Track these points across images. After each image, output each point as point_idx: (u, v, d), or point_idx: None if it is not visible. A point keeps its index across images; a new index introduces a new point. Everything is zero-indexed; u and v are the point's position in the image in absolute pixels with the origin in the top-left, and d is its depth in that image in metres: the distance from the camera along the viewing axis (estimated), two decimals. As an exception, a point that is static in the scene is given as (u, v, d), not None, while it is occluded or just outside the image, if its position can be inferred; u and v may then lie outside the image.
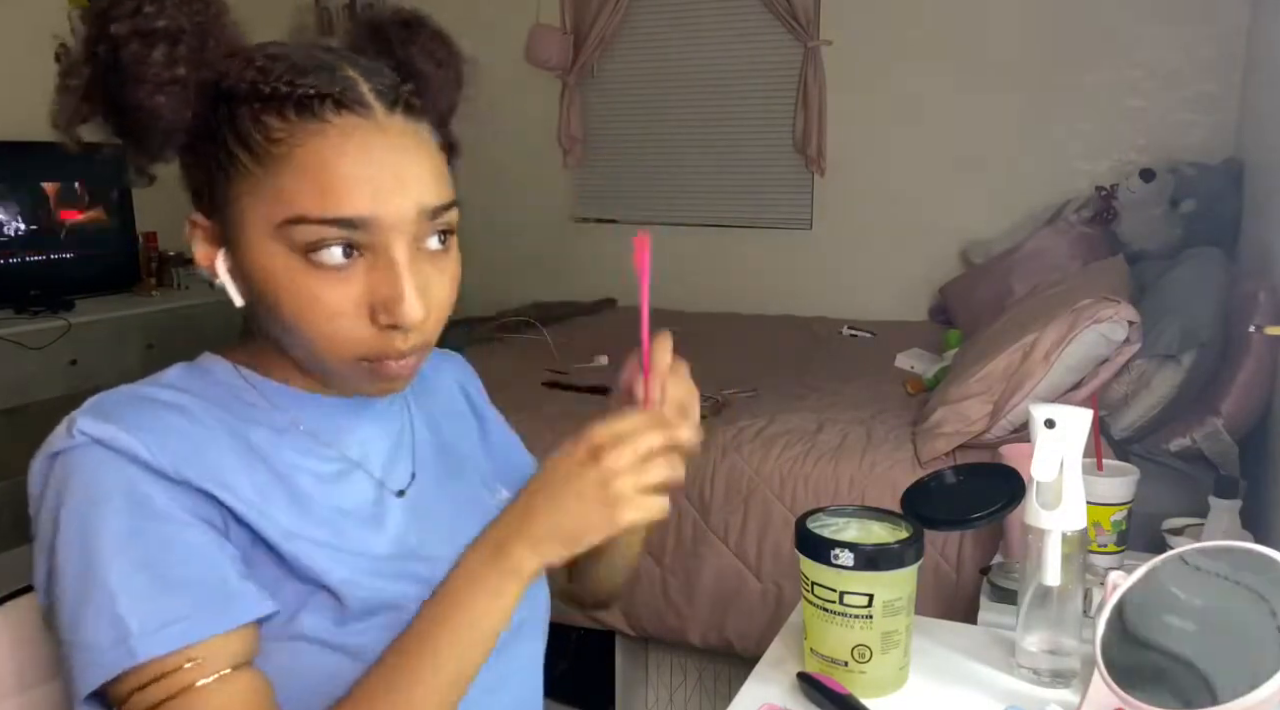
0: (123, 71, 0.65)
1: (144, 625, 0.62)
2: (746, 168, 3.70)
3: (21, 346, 2.68)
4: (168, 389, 0.72)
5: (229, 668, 0.64)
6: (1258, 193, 2.46)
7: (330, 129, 0.66)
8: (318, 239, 0.66)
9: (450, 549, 0.78)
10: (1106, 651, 0.81)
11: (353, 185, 0.65)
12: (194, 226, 0.72)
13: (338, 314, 0.67)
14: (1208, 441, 1.82)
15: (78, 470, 0.66)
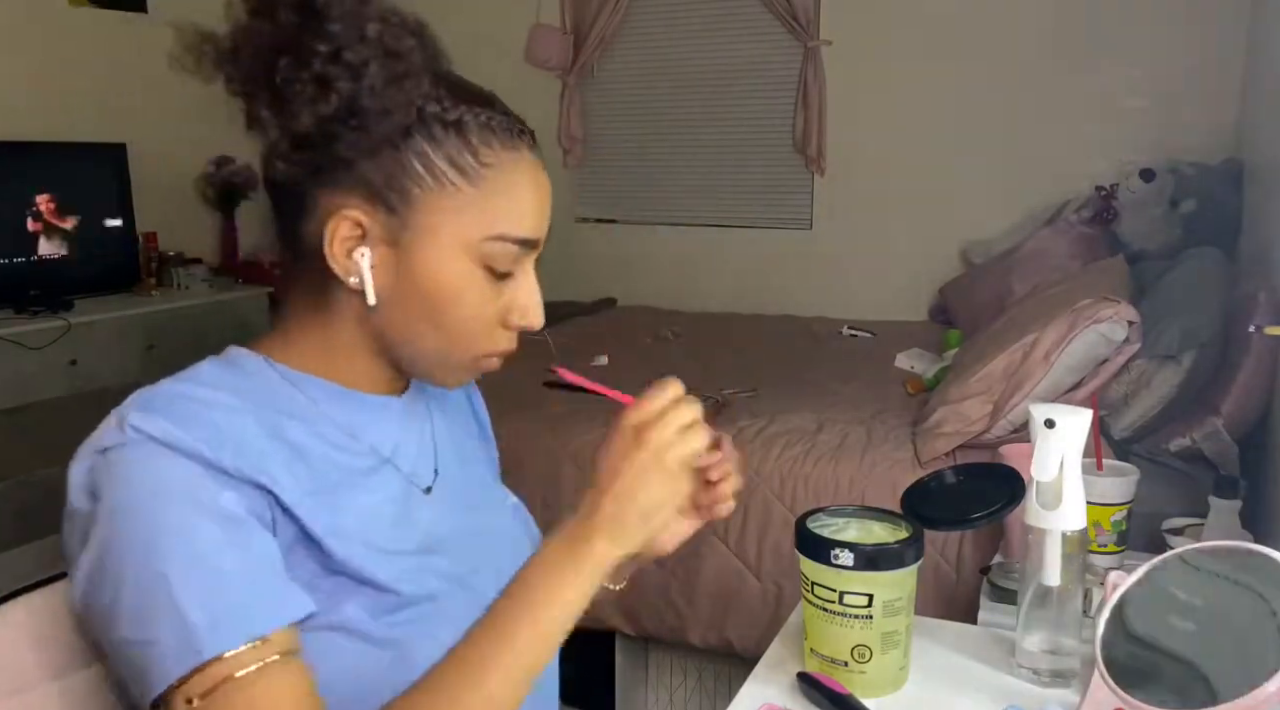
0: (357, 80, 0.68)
1: (212, 620, 0.63)
2: (746, 168, 3.70)
3: (21, 346, 2.68)
4: (204, 386, 0.73)
5: (279, 655, 0.64)
6: (1258, 193, 2.46)
7: (523, 160, 0.75)
8: (508, 256, 0.74)
9: (476, 544, 0.80)
10: (1106, 651, 0.81)
11: (537, 211, 0.76)
12: (345, 219, 0.72)
13: (493, 321, 0.77)
14: (1208, 441, 1.82)
15: (133, 466, 0.66)
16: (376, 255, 0.73)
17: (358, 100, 0.68)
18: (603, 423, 2.15)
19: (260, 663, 0.63)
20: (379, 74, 0.68)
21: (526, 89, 3.84)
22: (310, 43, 0.67)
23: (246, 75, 0.69)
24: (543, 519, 2.24)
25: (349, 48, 0.67)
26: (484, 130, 0.73)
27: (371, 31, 0.68)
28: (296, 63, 0.67)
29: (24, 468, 2.80)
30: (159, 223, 3.43)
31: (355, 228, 0.73)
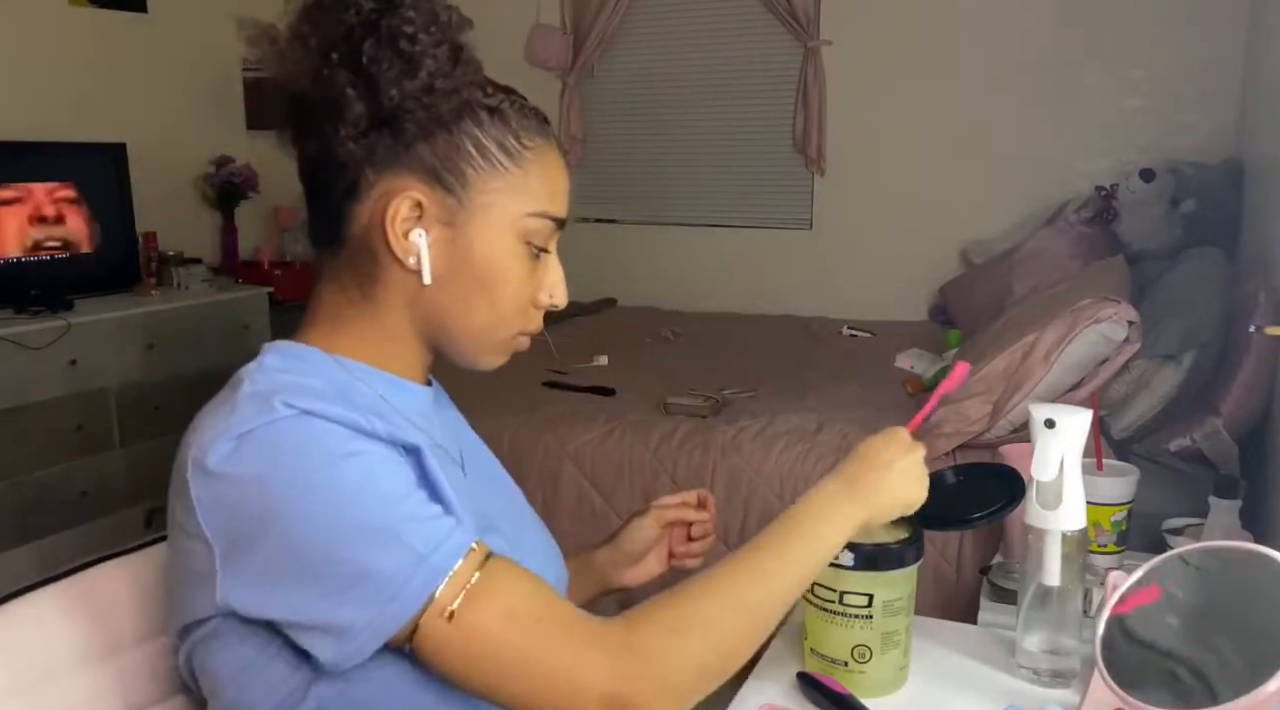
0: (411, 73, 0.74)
1: (429, 543, 0.67)
2: (746, 168, 3.70)
3: (21, 346, 2.68)
4: (312, 378, 0.74)
5: (488, 554, 0.70)
6: (1258, 193, 2.46)
7: (551, 146, 0.82)
8: (546, 233, 0.80)
9: (517, 521, 0.88)
10: (1106, 651, 0.81)
11: (566, 191, 0.83)
12: (407, 199, 0.76)
13: (529, 298, 0.81)
14: (1208, 441, 1.82)
15: (297, 435, 0.68)
16: (432, 235, 0.77)
17: (434, 80, 0.74)
18: (603, 423, 2.16)
19: (479, 563, 0.69)
20: (449, 57, 0.74)
21: (527, 89, 3.76)
22: (394, 24, 0.72)
23: (320, 60, 0.73)
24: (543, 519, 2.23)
25: (425, 30, 0.73)
26: (521, 116, 0.80)
27: (443, 17, 0.74)
28: (380, 43, 0.72)
29: (24, 468, 2.80)
30: (159, 223, 3.42)
31: (415, 208, 0.76)
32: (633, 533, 1.03)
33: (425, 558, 0.67)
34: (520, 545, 0.82)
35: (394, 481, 0.70)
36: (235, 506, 0.67)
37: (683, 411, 2.17)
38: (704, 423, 2.13)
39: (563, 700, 0.67)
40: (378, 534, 0.66)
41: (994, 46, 3.25)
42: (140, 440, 2.95)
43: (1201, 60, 2.97)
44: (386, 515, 0.67)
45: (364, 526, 0.66)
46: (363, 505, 0.67)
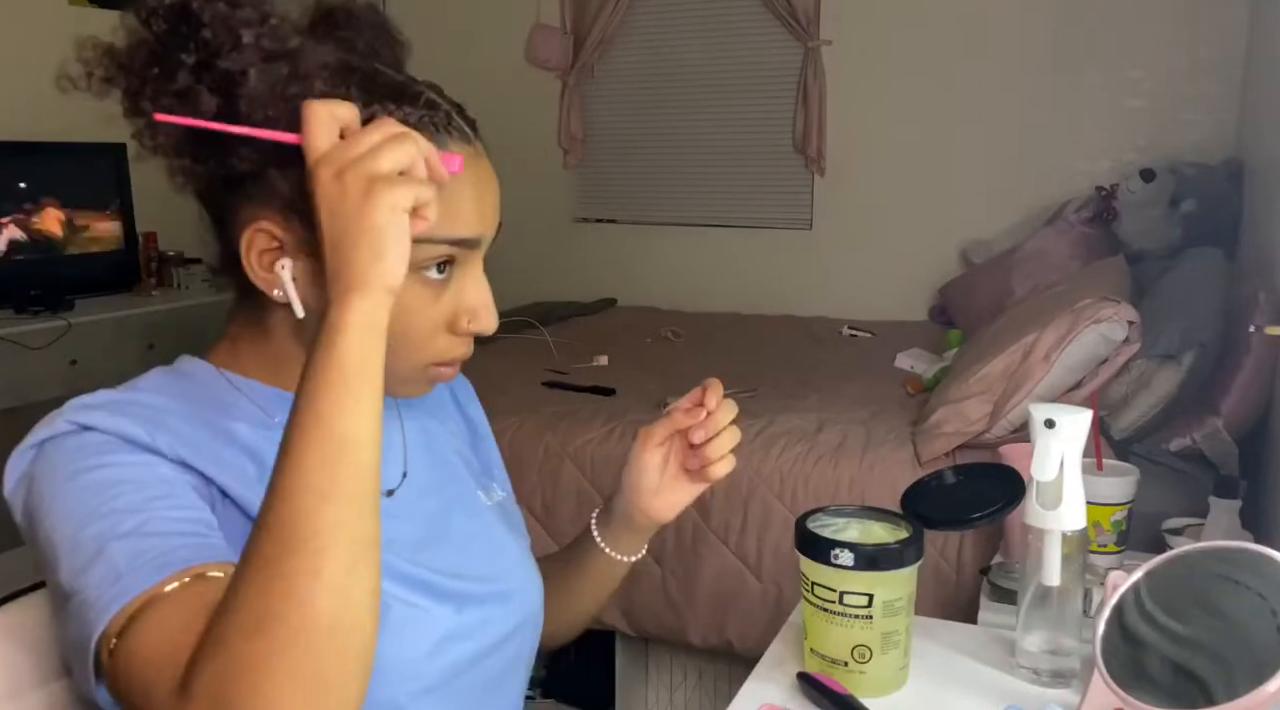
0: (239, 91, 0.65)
1: (137, 561, 0.60)
2: (746, 168, 3.70)
3: (21, 346, 2.68)
4: (144, 392, 0.73)
5: (191, 578, 0.60)
6: (1258, 193, 2.46)
7: (453, 156, 0.67)
8: (436, 257, 0.70)
9: (440, 549, 0.78)
10: (1106, 651, 0.81)
11: (471, 208, 0.71)
12: (258, 234, 0.70)
13: (434, 327, 0.73)
14: (1208, 441, 1.82)
15: (66, 451, 0.66)
16: (299, 265, 0.69)
17: (237, 109, 0.64)
18: (603, 423, 2.16)
19: (165, 589, 0.59)
20: (260, 80, 0.64)
21: (526, 89, 3.84)
22: (176, 53, 0.64)
23: (130, 91, 0.66)
24: (543, 519, 2.23)
25: (221, 56, 0.64)
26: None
27: (248, 37, 0.64)
28: (163, 74, 0.64)
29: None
30: (159, 223, 3.43)
31: (272, 240, 0.70)
32: (635, 462, 0.91)
33: (121, 576, 0.59)
34: (425, 582, 0.76)
35: (136, 497, 0.63)
36: (27, 512, 0.67)
37: (683, 411, 2.17)
38: (704, 423, 2.12)
39: None
40: (89, 547, 0.61)
41: (994, 46, 3.25)
42: (140, 440, 2.95)
43: (1201, 60, 2.98)
44: (106, 528, 0.61)
45: (81, 539, 0.61)
46: (87, 520, 0.62)
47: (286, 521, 0.56)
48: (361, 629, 0.57)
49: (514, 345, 2.94)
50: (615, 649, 2.14)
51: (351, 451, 0.58)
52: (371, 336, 0.59)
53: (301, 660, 0.53)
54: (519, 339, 3.00)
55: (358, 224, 0.59)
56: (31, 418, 0.71)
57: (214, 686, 0.53)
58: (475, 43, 3.88)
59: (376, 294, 0.59)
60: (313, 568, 0.55)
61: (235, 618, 0.55)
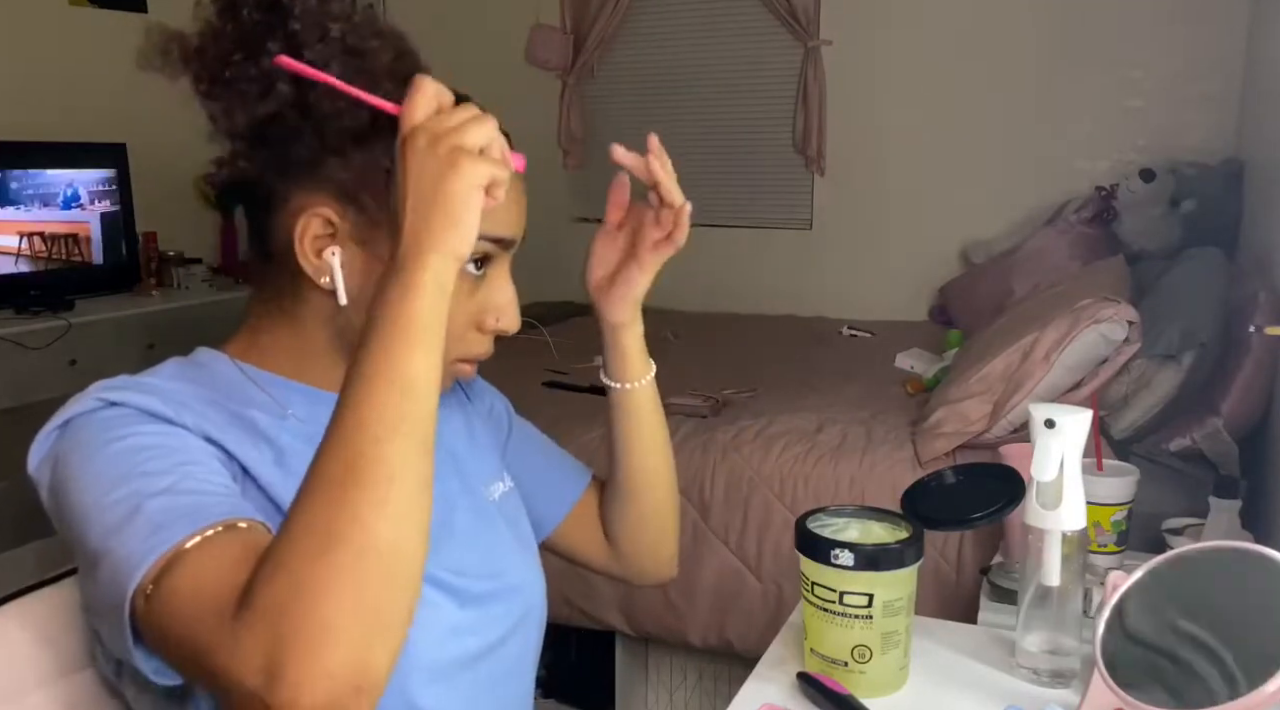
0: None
1: (170, 516, 0.62)
2: (746, 168, 3.70)
3: (21, 346, 2.68)
4: (164, 379, 0.74)
5: (223, 527, 0.62)
6: (1258, 193, 2.46)
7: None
8: (481, 253, 0.75)
9: (443, 545, 0.78)
10: (1106, 651, 0.81)
11: (509, 210, 0.77)
12: (316, 217, 0.73)
13: (465, 323, 0.77)
14: (1208, 441, 1.82)
15: (93, 424, 0.68)
16: (347, 254, 0.73)
17: (307, 100, 0.68)
18: (603, 423, 2.16)
19: (202, 536, 0.61)
20: (340, 73, 0.67)
21: (526, 89, 3.84)
22: (264, 42, 0.67)
23: (207, 74, 0.70)
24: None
25: (308, 46, 0.67)
26: None
27: (335, 31, 0.68)
28: (247, 60, 0.68)
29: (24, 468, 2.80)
30: (159, 223, 3.43)
31: (326, 226, 0.73)
32: (592, 257, 1.00)
33: (159, 529, 0.61)
34: (463, 568, 0.79)
35: (166, 462, 0.66)
36: (55, 488, 0.69)
37: (683, 411, 2.17)
38: (704, 423, 2.12)
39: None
40: (122, 507, 0.63)
41: (994, 46, 3.25)
42: (140, 440, 2.95)
43: (1201, 60, 2.98)
44: (139, 487, 0.64)
45: (113, 500, 0.63)
46: (120, 482, 0.64)
47: (355, 451, 0.58)
48: (415, 557, 0.59)
49: (514, 345, 2.93)
50: (615, 649, 2.14)
51: (420, 394, 0.60)
52: (441, 296, 0.62)
53: (361, 582, 0.55)
54: (519, 339, 2.98)
55: (441, 189, 0.62)
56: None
57: (273, 607, 0.55)
58: (475, 43, 3.88)
59: (449, 257, 0.62)
60: (380, 497, 0.57)
61: (299, 541, 0.56)
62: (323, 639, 0.53)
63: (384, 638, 0.56)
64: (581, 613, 2.05)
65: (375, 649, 0.55)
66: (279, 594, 0.55)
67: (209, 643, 0.57)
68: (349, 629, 0.54)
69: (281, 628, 0.54)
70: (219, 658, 0.55)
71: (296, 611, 0.54)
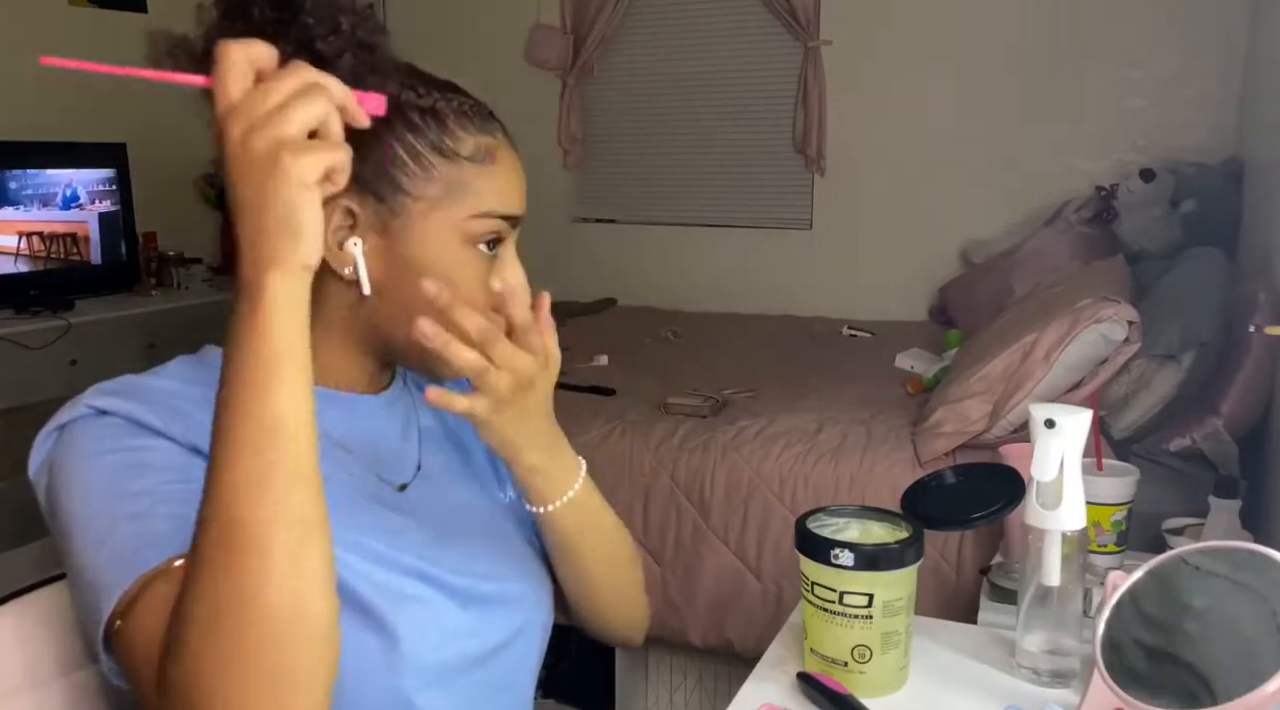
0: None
1: (143, 541, 0.63)
2: (746, 168, 3.70)
3: (21, 346, 2.68)
4: (165, 378, 0.76)
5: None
6: (1258, 193, 2.46)
7: (499, 144, 0.78)
8: (495, 231, 0.77)
9: (449, 545, 0.79)
10: (1106, 651, 0.81)
11: (518, 188, 0.79)
12: (338, 208, 0.74)
13: (486, 302, 0.76)
14: (1208, 441, 1.82)
15: (82, 434, 0.69)
16: (368, 244, 0.74)
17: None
18: (603, 423, 2.16)
19: (167, 567, 0.62)
20: (352, 65, 0.68)
21: (526, 89, 3.84)
22: (278, 39, 0.66)
23: None
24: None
25: (322, 39, 0.67)
26: (459, 114, 0.76)
27: (345, 24, 0.68)
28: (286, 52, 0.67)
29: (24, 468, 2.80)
30: (159, 223, 3.43)
31: (347, 217, 0.74)
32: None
33: (125, 559, 0.61)
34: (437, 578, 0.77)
35: (147, 481, 0.66)
36: (46, 492, 0.71)
37: (683, 411, 2.18)
38: (704, 423, 2.13)
39: None
40: (100, 527, 0.64)
41: (994, 46, 3.25)
42: (140, 440, 2.95)
43: (1201, 60, 2.98)
44: (117, 510, 0.64)
45: (93, 519, 0.65)
46: (101, 500, 0.65)
47: (224, 515, 0.55)
48: (316, 616, 0.56)
49: (514, 345, 2.93)
50: (615, 649, 2.14)
51: (289, 434, 0.56)
52: (295, 314, 0.57)
53: (259, 655, 0.54)
54: (519, 339, 2.99)
55: (267, 198, 0.56)
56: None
57: (179, 686, 0.55)
58: (475, 43, 3.88)
59: (294, 271, 0.57)
60: (261, 563, 0.54)
61: (192, 614, 0.55)
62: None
63: (295, 696, 0.55)
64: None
65: (288, 706, 0.55)
66: (183, 673, 0.54)
67: (146, 698, 0.58)
68: (255, 699, 0.54)
69: (192, 704, 0.54)
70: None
71: (200, 691, 0.54)
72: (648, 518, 2.03)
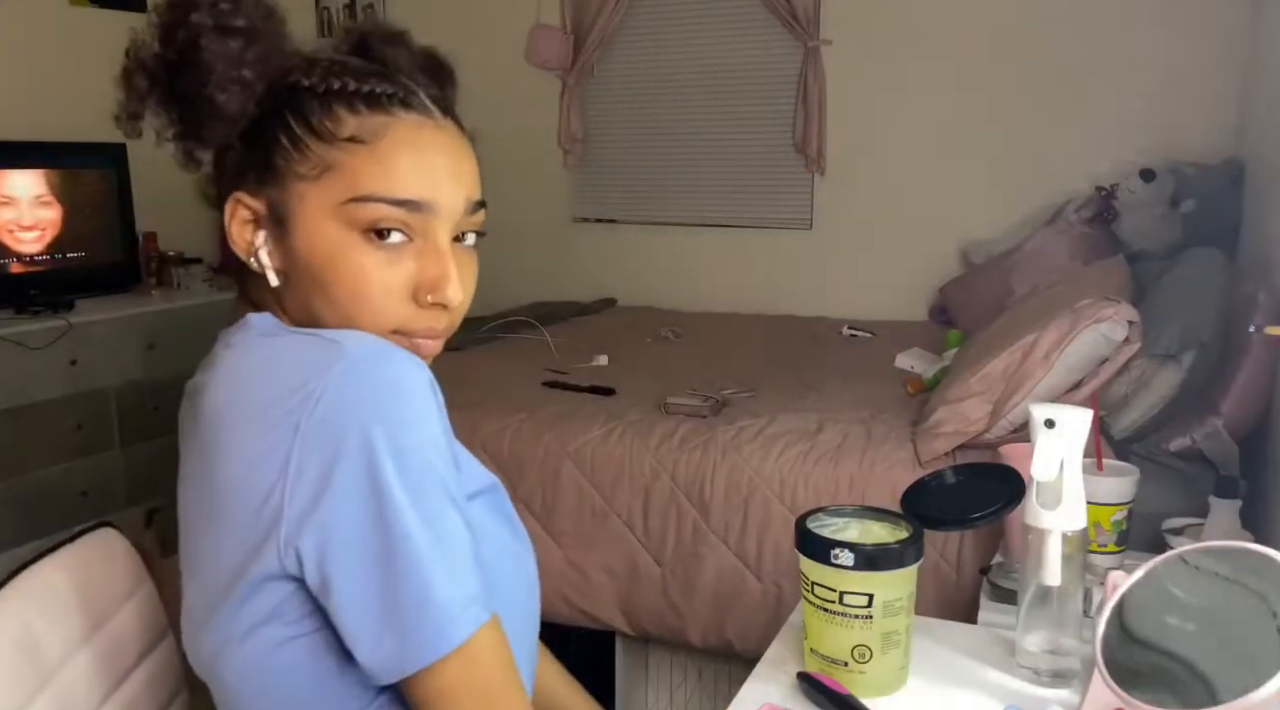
0: (194, 64, 0.70)
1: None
2: (746, 168, 3.70)
3: (21, 346, 2.68)
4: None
5: None
6: (1258, 193, 2.46)
7: (397, 123, 0.74)
8: (378, 217, 0.72)
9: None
10: (1106, 651, 0.81)
11: (417, 172, 0.73)
12: (238, 205, 0.76)
13: (388, 290, 0.73)
14: (1208, 441, 1.82)
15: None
16: (269, 235, 0.75)
17: (197, 88, 0.71)
18: (603, 423, 2.16)
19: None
20: (211, 50, 0.70)
21: (526, 89, 3.84)
22: (149, 43, 0.72)
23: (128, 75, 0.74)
24: (542, 519, 2.23)
25: (173, 33, 0.71)
26: (345, 96, 0.73)
27: (195, 16, 0.70)
28: (167, 47, 0.72)
29: (24, 468, 2.80)
30: (159, 223, 3.43)
31: (248, 210, 0.76)
32: None
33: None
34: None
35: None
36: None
37: (683, 411, 2.17)
38: (704, 423, 2.13)
39: None
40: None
41: (994, 46, 3.25)
42: (140, 440, 2.95)
43: (1201, 60, 2.97)
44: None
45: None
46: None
47: None
48: None
49: (514, 345, 2.94)
50: (615, 649, 2.14)
51: None
52: None
53: None
54: (519, 339, 3.00)
55: None
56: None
57: None
58: (475, 43, 3.88)
59: None
60: None
61: None
62: None
63: None
64: (581, 613, 2.05)
65: None
66: None
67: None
68: None
69: None
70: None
71: None
72: (648, 518, 2.03)
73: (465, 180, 0.76)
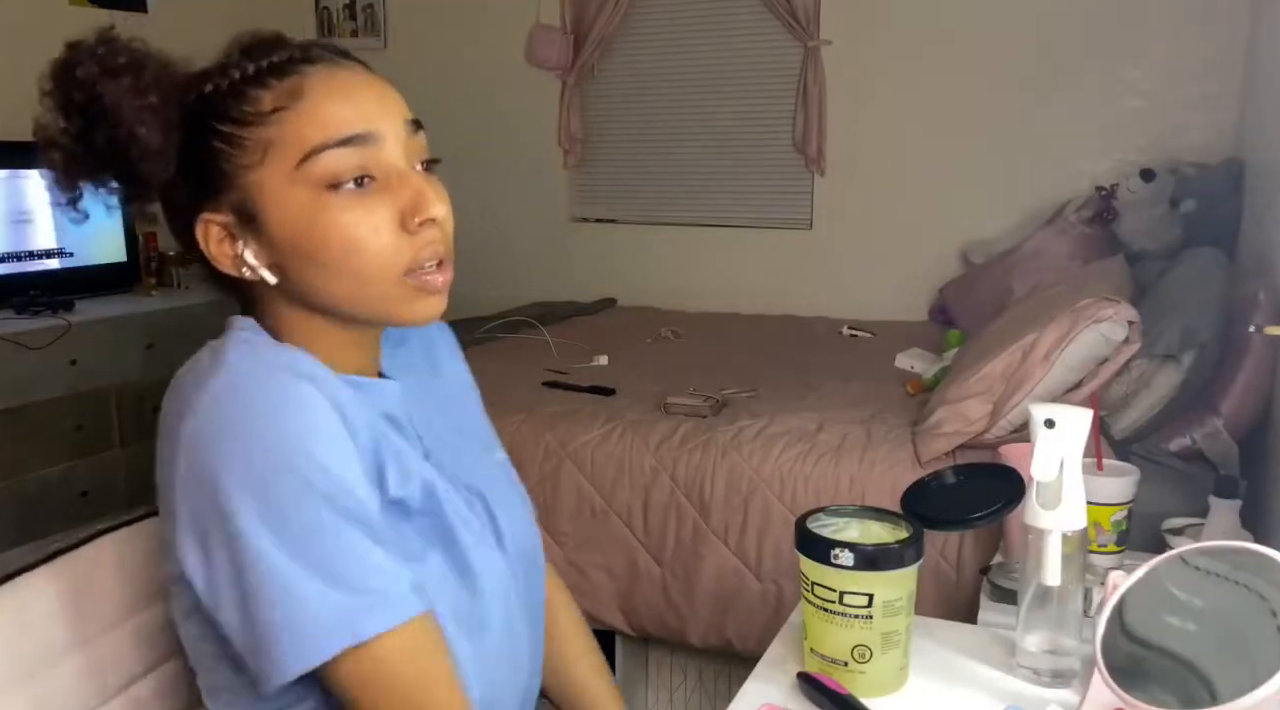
0: (101, 113, 0.73)
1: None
2: (746, 168, 3.70)
3: (21, 346, 2.68)
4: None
5: None
6: (1258, 193, 2.46)
7: (309, 78, 0.75)
8: (334, 166, 0.73)
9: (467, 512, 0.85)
10: (1106, 651, 0.81)
11: (347, 110, 0.75)
12: (208, 226, 0.77)
13: (376, 229, 0.74)
14: (1208, 441, 1.82)
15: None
16: (246, 238, 0.76)
17: (115, 134, 0.73)
18: (603, 423, 2.16)
19: None
20: (130, 84, 0.73)
21: (526, 89, 3.84)
22: (51, 122, 0.78)
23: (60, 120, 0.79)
24: (543, 519, 2.23)
25: (70, 81, 0.75)
26: (247, 80, 0.75)
27: (81, 71, 0.74)
28: (74, 94, 0.76)
29: (24, 468, 2.80)
30: (159, 223, 3.42)
31: (218, 226, 0.77)
32: None
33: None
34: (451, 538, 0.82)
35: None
36: None
37: (683, 411, 2.18)
38: (704, 423, 2.13)
39: None
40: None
41: (994, 46, 3.25)
42: (140, 440, 2.95)
43: (1201, 60, 2.97)
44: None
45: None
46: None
47: None
48: None
49: (514, 345, 2.94)
50: (615, 649, 2.14)
51: None
52: None
53: None
54: (519, 339, 3.00)
55: None
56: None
57: None
58: (475, 43, 3.88)
59: None
60: None
61: None
62: None
63: None
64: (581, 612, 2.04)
65: None
66: None
67: None
68: None
69: None
70: None
71: None
72: (648, 518, 2.03)
73: (393, 104, 0.78)
